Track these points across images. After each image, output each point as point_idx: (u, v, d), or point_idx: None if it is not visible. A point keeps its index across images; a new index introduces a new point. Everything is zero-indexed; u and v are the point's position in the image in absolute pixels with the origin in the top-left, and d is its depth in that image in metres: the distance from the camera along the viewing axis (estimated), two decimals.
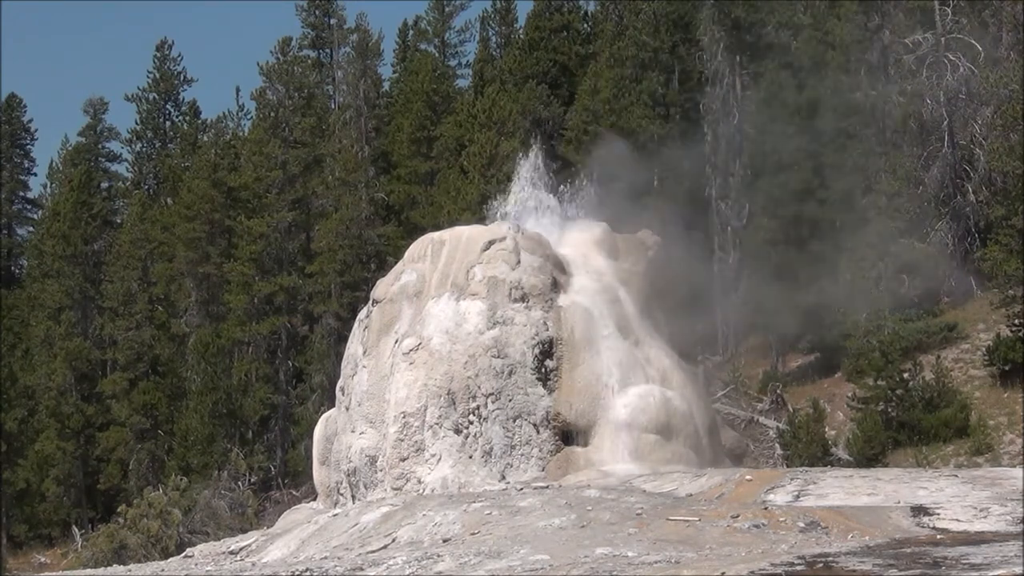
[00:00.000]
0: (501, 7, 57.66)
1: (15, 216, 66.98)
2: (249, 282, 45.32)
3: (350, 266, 44.26)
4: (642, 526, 18.29)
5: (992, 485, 20.20)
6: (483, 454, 24.84)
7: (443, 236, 27.69)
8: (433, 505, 21.13)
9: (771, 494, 20.48)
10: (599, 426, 25.19)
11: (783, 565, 14.70)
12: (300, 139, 47.96)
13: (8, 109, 66.51)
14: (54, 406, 46.78)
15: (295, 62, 50.40)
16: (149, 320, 47.78)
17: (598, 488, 21.54)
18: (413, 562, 17.43)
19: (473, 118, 43.91)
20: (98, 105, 60.57)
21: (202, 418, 42.30)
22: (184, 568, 22.32)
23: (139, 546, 33.76)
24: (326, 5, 55.80)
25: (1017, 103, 33.12)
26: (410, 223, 43.95)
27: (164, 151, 60.04)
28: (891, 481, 21.03)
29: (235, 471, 39.15)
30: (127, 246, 48.58)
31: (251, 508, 36.65)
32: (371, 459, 25.53)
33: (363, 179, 46.24)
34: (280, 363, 45.54)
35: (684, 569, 15.16)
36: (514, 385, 25.16)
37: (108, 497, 45.25)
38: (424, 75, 49.28)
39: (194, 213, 47.39)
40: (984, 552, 14.89)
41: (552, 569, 16.00)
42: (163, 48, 59.87)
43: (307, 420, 39.38)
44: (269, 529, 26.60)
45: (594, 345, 25.68)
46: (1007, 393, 30.47)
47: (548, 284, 26.16)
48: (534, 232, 27.34)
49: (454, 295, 26.13)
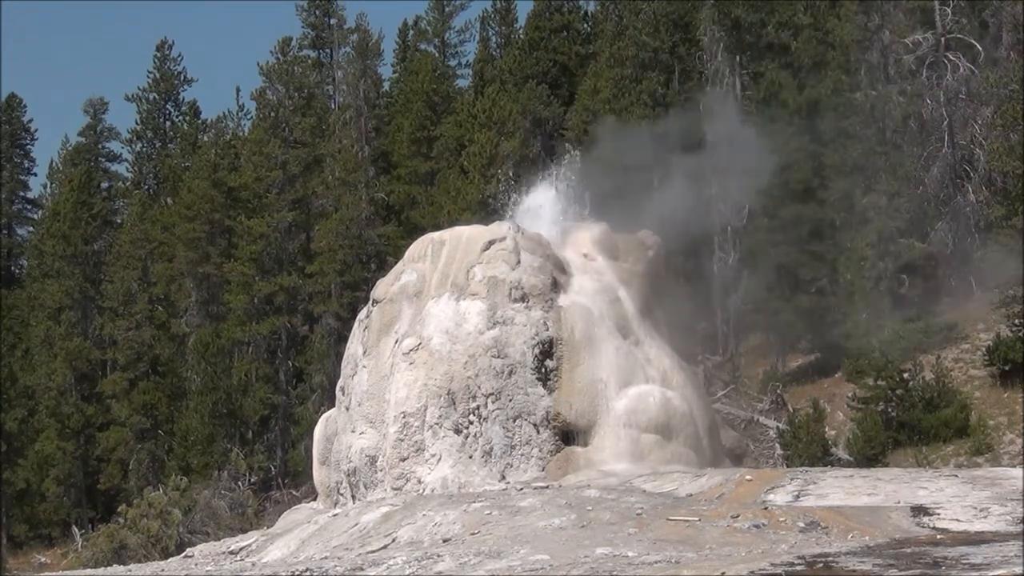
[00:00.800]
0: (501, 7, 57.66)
1: (15, 216, 66.97)
2: (249, 282, 45.33)
3: (350, 266, 44.26)
4: (642, 526, 18.29)
5: (992, 485, 20.19)
6: (483, 454, 24.83)
7: (443, 236, 27.65)
8: (433, 505, 21.12)
9: (771, 494, 20.47)
10: (599, 426, 25.17)
11: (783, 565, 14.69)
12: (300, 139, 47.96)
13: (8, 109, 66.50)
14: (54, 406, 46.79)
15: (295, 62, 50.41)
16: (149, 320, 47.80)
17: (598, 488, 21.52)
18: (413, 562, 17.42)
19: (473, 118, 43.91)
20: (98, 105, 60.58)
21: (202, 418, 42.31)
22: (184, 568, 22.31)
23: (139, 546, 33.77)
24: (326, 5, 55.80)
25: (1017, 103, 33.13)
26: (410, 223, 43.95)
27: (164, 151, 60.05)
28: (891, 481, 21.01)
29: (235, 471, 39.15)
30: (127, 246, 48.60)
31: (251, 508, 36.65)
32: (371, 459, 25.52)
33: (363, 179, 46.24)
34: (280, 363, 45.55)
35: (684, 569, 15.16)
36: (514, 385, 25.15)
37: (108, 497, 45.26)
38: (424, 75, 49.28)
39: (194, 213, 47.40)
40: (984, 552, 14.88)
41: (552, 569, 16.00)
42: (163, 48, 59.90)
43: (307, 420, 39.38)
44: (269, 529, 26.59)
45: (594, 345, 25.66)
46: (1007, 393, 30.46)
47: (548, 284, 26.14)
48: (534, 232, 27.31)
49: (454, 295, 26.11)
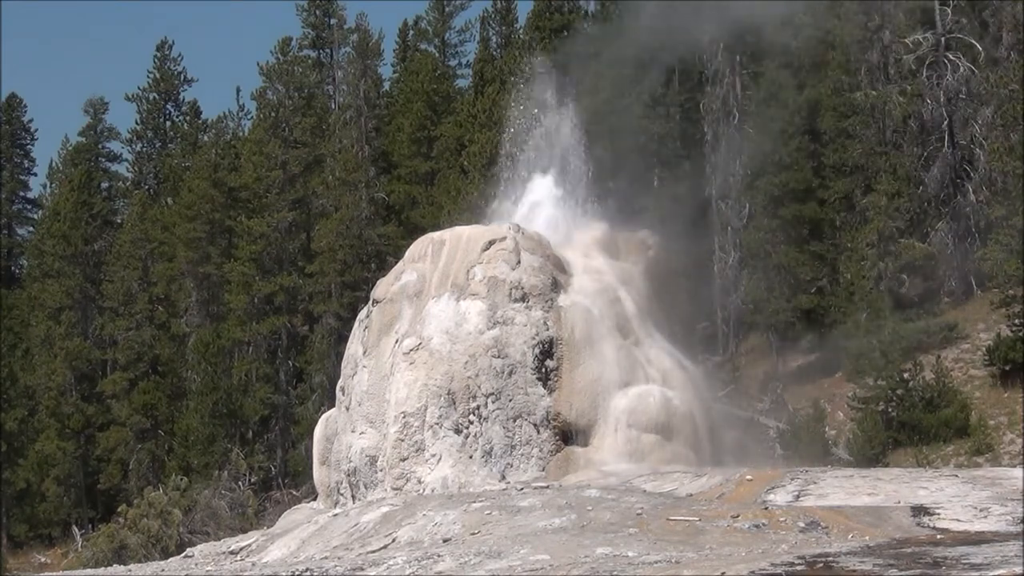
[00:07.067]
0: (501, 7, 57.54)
1: (15, 216, 66.91)
2: (249, 282, 45.31)
3: (350, 266, 44.25)
4: (642, 526, 18.30)
5: (992, 485, 20.21)
6: (483, 454, 24.84)
7: (443, 236, 27.65)
8: (433, 505, 21.13)
9: (771, 494, 20.48)
10: (599, 426, 25.19)
11: (783, 565, 14.70)
12: (300, 139, 47.95)
13: (8, 109, 66.44)
14: (54, 406, 46.80)
15: (295, 62, 50.38)
16: (149, 320, 47.82)
17: (598, 488, 21.53)
18: (413, 562, 17.43)
19: (473, 118, 43.86)
20: (98, 105, 60.42)
21: (202, 418, 42.30)
22: (184, 568, 22.33)
23: (139, 546, 33.79)
24: (326, 5, 55.70)
25: (1017, 103, 33.15)
26: (410, 223, 43.92)
27: (164, 151, 59.96)
28: (891, 481, 21.03)
29: (235, 471, 39.16)
30: (127, 246, 48.60)
31: (251, 508, 36.68)
32: (371, 459, 25.53)
33: (363, 179, 46.22)
34: (280, 363, 45.55)
35: (684, 569, 15.16)
36: (514, 385, 25.15)
37: (108, 497, 45.27)
38: (424, 75, 49.24)
39: (194, 213, 47.39)
40: (984, 552, 14.89)
41: (552, 569, 16.00)
42: (163, 48, 59.74)
43: (307, 420, 39.38)
44: (269, 529, 26.60)
45: (594, 345, 25.67)
46: (1007, 393, 30.49)
47: (548, 284, 26.15)
48: (534, 232, 27.32)
49: (454, 295, 26.11)
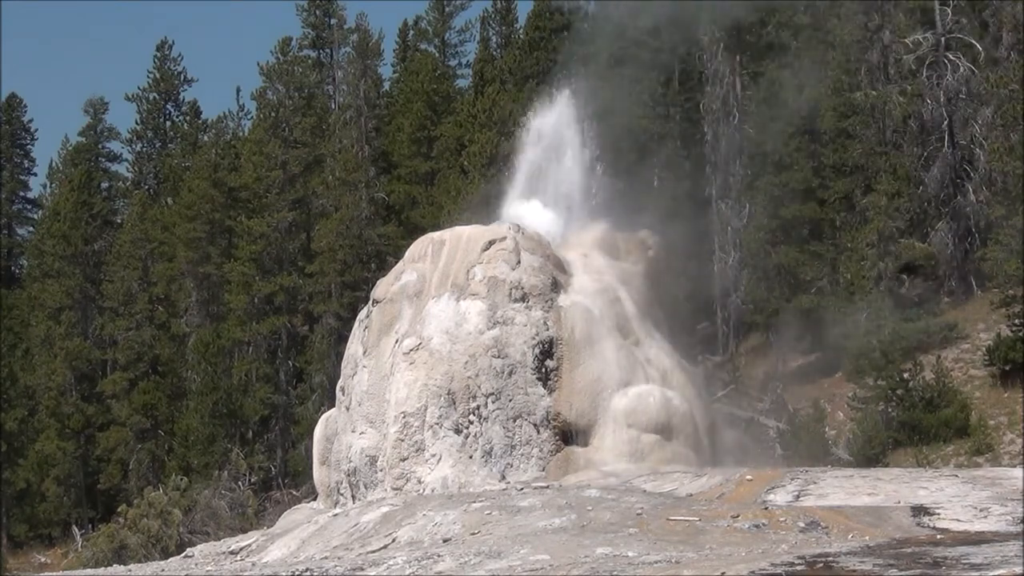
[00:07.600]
0: (501, 7, 57.54)
1: (15, 216, 66.87)
2: (249, 282, 45.30)
3: (350, 266, 44.24)
4: (642, 526, 18.31)
5: (992, 485, 20.22)
6: (483, 454, 24.84)
7: (443, 236, 27.66)
8: (433, 505, 21.14)
9: (771, 494, 20.49)
10: (599, 426, 25.20)
11: (783, 565, 14.70)
12: (300, 139, 47.93)
13: (8, 109, 66.41)
14: (54, 406, 46.79)
15: (295, 62, 50.36)
16: (149, 320, 47.80)
17: (598, 488, 21.54)
18: (413, 562, 17.43)
19: (473, 118, 43.85)
20: (98, 105, 60.39)
21: (202, 418, 42.29)
22: (184, 568, 22.34)
23: (139, 546, 33.79)
24: (326, 5, 55.68)
25: (1017, 103, 33.12)
26: (410, 223, 43.90)
27: (164, 151, 59.94)
28: (891, 481, 21.04)
29: (235, 471, 39.15)
30: (127, 246, 48.59)
31: (251, 508, 36.67)
32: (371, 459, 25.54)
33: (363, 179, 46.19)
34: (280, 363, 45.53)
35: (684, 569, 15.16)
36: (514, 385, 25.16)
37: (108, 497, 45.25)
38: (424, 75, 49.22)
39: (194, 213, 47.38)
40: (984, 552, 14.89)
41: (552, 569, 16.00)
42: (163, 48, 59.71)
43: (307, 420, 39.37)
44: (269, 529, 26.61)
45: (594, 345, 25.67)
46: (1007, 393, 30.47)
47: (548, 284, 26.15)
48: (534, 232, 27.34)
49: (454, 295, 26.12)
